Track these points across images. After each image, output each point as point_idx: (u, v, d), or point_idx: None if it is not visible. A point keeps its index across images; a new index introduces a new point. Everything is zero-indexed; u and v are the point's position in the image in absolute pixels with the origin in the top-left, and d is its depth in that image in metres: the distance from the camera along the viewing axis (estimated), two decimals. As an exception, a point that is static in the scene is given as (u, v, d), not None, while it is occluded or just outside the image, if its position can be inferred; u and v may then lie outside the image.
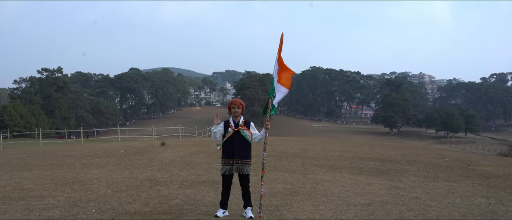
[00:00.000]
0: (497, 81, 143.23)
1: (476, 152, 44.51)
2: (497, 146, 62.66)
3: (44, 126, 58.10)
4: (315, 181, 7.87)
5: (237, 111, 5.08)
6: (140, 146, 14.88)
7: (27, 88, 79.31)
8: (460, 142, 73.68)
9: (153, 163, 10.29)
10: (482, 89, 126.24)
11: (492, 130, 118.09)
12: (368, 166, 10.32)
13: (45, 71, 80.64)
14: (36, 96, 70.12)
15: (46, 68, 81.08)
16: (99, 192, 6.58)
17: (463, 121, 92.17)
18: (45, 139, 29.91)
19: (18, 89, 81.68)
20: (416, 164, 10.93)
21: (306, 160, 11.06)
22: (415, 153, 14.81)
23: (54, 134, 50.56)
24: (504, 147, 60.67)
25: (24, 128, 47.73)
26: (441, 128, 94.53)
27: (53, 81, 78.00)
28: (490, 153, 41.98)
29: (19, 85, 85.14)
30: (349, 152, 13.79)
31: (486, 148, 58.32)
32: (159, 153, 12.48)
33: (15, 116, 50.48)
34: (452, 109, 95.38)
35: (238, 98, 5.35)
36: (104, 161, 10.71)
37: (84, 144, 18.31)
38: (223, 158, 5.12)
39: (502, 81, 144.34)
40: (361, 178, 8.36)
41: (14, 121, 49.35)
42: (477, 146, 63.19)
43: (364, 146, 18.34)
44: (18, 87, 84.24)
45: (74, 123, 74.71)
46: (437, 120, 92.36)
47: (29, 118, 54.76)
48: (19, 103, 58.15)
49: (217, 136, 5.15)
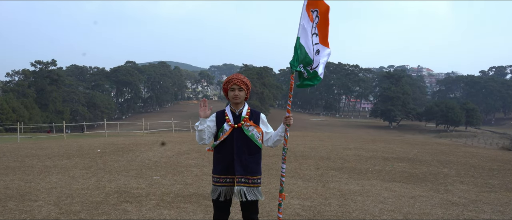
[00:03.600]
0: (496, 74, 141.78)
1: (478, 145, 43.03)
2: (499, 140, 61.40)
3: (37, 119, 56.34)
4: (340, 193, 5.92)
5: (238, 95, 3.06)
6: (123, 143, 12.89)
7: (20, 81, 76.96)
8: (461, 136, 72.28)
9: (131, 165, 8.31)
10: (482, 82, 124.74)
11: (491, 124, 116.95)
12: (397, 169, 8.39)
13: (39, 64, 78.30)
14: (29, 89, 68.34)
15: (39, 61, 78.75)
16: (38, 215, 4.61)
17: (463, 114, 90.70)
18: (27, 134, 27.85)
19: (10, 82, 79.39)
20: (452, 166, 9.02)
21: (319, 162, 9.10)
22: (439, 150, 12.92)
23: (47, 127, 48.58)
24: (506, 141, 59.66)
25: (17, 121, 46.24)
26: (441, 122, 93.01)
27: (47, 74, 75.87)
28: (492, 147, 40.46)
29: (11, 78, 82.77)
30: (365, 150, 11.87)
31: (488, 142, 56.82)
32: (143, 152, 10.49)
33: (7, 110, 48.74)
34: (452, 103, 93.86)
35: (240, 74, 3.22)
36: (73, 163, 8.72)
37: (64, 140, 16.28)
38: (215, 174, 3.12)
39: (501, 74, 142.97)
40: (398, 188, 6.43)
41: (6, 114, 47.48)
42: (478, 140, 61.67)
43: (377, 141, 16.44)
44: (10, 80, 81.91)
45: (69, 117, 72.80)
46: (437, 114, 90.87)
47: (22, 111, 53.21)
48: (12, 96, 56.44)
49: (204, 137, 3.08)
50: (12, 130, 36.51)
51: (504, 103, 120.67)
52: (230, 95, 3.09)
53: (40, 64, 78.34)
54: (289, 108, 3.12)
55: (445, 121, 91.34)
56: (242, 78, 3.10)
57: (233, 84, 3.06)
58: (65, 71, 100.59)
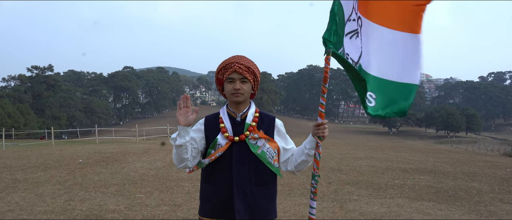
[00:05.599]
0: (495, 80, 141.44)
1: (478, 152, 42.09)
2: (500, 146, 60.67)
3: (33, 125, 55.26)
4: (364, 218, 4.81)
5: (240, 90, 1.92)
6: (110, 152, 11.74)
7: (16, 86, 75.98)
8: (462, 142, 71.57)
9: (113, 179, 7.18)
10: (481, 88, 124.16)
11: (491, 130, 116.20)
12: (421, 184, 7.29)
13: (35, 69, 77.33)
14: (25, 94, 67.48)
15: (36, 66, 77.91)
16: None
17: (464, 120, 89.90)
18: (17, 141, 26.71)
19: (6, 88, 78.38)
20: (481, 179, 7.93)
21: (330, 174, 7.99)
22: (456, 159, 11.83)
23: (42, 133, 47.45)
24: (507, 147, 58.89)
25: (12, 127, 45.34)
26: (441, 128, 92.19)
27: (44, 79, 74.94)
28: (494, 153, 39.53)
29: (7, 83, 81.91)
30: (377, 160, 10.77)
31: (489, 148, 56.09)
32: (130, 162, 9.35)
33: (3, 115, 47.87)
34: (452, 108, 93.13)
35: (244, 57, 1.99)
36: (47, 176, 7.58)
37: (49, 149, 15.10)
38: (203, 216, 1.97)
39: (500, 80, 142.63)
40: (431, 209, 5.32)
41: (1, 120, 46.49)
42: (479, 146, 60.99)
43: (385, 149, 15.36)
44: (6, 85, 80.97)
45: (66, 122, 71.75)
46: (437, 119, 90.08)
47: (18, 117, 52.30)
48: (8, 101, 55.58)
49: (186, 157, 1.90)
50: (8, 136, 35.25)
51: (504, 109, 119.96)
52: (227, 90, 1.94)
53: (37, 69, 77.53)
54: (322, 110, 1.96)
55: (445, 127, 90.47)
56: (246, 61, 1.94)
57: (233, 72, 1.91)
58: (62, 76, 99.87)
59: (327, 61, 1.93)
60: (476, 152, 22.65)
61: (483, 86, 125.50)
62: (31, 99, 68.30)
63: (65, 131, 51.48)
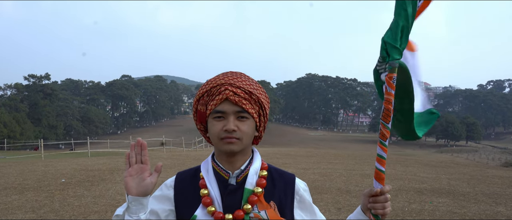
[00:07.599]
0: (494, 88, 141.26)
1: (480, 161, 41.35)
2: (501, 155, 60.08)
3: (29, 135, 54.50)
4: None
5: (236, 134, 1.08)
6: (98, 169, 10.91)
7: (12, 95, 75.37)
8: (462, 151, 71.13)
9: (95, 205, 6.36)
10: (480, 96, 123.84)
11: (491, 138, 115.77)
12: (440, 208, 6.49)
13: (32, 78, 76.68)
14: (22, 103, 66.80)
15: (33, 74, 77.31)
16: None
17: (464, 129, 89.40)
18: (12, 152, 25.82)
19: (3, 96, 77.90)
20: (506, 202, 7.15)
21: (339, 197, 7.19)
22: (469, 175, 11.06)
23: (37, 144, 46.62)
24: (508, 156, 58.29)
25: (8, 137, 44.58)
26: (441, 136, 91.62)
27: (40, 88, 74.23)
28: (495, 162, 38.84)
29: (4, 92, 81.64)
30: (388, 178, 9.86)
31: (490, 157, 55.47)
32: (117, 182, 8.54)
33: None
34: (452, 117, 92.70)
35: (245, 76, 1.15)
36: (21, 201, 6.75)
37: (35, 164, 14.24)
38: None
39: (499, 88, 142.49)
40: (461, 246, 4.53)
41: (-3, 129, 45.89)
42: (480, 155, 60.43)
43: (392, 163, 14.57)
44: (3, 94, 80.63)
45: (63, 131, 70.96)
46: (437, 128, 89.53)
47: (14, 126, 51.58)
48: (4, 110, 55.05)
49: None
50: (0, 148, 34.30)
51: (503, 117, 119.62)
52: (214, 132, 1.12)
53: (34, 78, 76.92)
54: (383, 155, 1.19)
55: (445, 136, 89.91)
56: (245, 82, 1.13)
57: (222, 100, 1.10)
58: (59, 85, 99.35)
59: (390, 83, 1.15)
60: (484, 164, 21.87)
61: (482, 94, 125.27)
62: (28, 108, 67.77)
63: (62, 140, 50.80)
